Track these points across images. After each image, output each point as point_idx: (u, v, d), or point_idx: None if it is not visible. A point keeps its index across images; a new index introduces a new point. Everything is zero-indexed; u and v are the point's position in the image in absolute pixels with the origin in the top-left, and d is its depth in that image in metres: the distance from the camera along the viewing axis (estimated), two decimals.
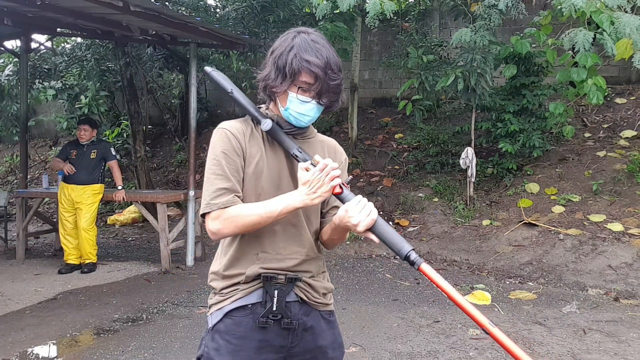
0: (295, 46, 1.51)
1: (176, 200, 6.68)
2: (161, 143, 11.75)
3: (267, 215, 1.47)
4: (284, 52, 1.52)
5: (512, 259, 6.11)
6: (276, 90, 1.54)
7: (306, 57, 1.49)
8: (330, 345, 1.65)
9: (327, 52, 1.51)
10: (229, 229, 1.50)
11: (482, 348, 3.87)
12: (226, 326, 1.55)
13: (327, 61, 1.50)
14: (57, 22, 6.32)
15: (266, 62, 1.58)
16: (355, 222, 1.44)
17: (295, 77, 1.50)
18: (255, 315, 1.53)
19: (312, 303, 1.61)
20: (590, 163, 7.36)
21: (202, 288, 5.49)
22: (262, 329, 1.53)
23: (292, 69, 1.49)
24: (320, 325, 1.63)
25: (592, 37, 5.42)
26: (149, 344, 3.99)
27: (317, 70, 1.48)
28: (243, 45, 7.01)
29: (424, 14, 9.88)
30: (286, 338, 1.56)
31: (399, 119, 9.87)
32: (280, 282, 1.54)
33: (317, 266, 1.65)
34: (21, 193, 6.91)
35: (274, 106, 1.62)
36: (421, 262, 1.45)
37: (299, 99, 1.52)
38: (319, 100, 1.53)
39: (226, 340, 1.54)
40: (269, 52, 1.58)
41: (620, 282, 5.34)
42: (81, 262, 6.13)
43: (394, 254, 6.77)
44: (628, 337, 4.07)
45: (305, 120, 1.56)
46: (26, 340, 4.09)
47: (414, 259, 1.45)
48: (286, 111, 1.56)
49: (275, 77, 1.53)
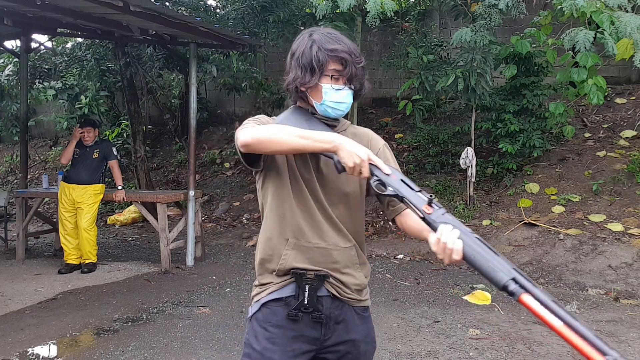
0: (315, 41, 1.58)
1: (176, 200, 6.68)
2: (161, 143, 11.75)
3: (300, 137, 1.46)
4: (305, 50, 1.58)
5: (512, 258, 6.11)
6: (308, 85, 1.58)
7: (330, 46, 1.55)
8: (362, 339, 1.68)
9: (345, 39, 1.59)
10: (258, 138, 1.48)
11: (482, 348, 3.87)
12: (263, 315, 1.62)
13: (349, 47, 1.57)
14: (57, 22, 6.32)
15: (289, 67, 1.63)
16: (441, 258, 1.38)
17: (323, 68, 1.56)
18: (289, 307, 1.59)
19: (344, 299, 1.63)
20: (590, 163, 7.36)
21: (202, 288, 5.50)
22: (294, 320, 1.59)
23: (319, 60, 1.55)
24: (354, 319, 1.66)
25: (592, 37, 5.41)
26: (148, 344, 3.99)
27: (345, 55, 1.55)
28: (243, 45, 7.01)
29: (424, 13, 9.87)
30: (318, 330, 1.61)
31: (399, 119, 9.87)
32: (310, 278, 1.58)
33: (348, 256, 1.64)
34: (21, 193, 6.90)
35: (305, 106, 1.66)
36: (520, 293, 1.28)
37: (334, 88, 1.57)
38: (351, 85, 1.58)
39: (263, 328, 1.61)
40: (289, 56, 1.64)
41: (620, 282, 5.34)
42: (81, 262, 6.13)
43: (394, 254, 6.79)
44: (628, 337, 4.07)
45: (342, 108, 1.60)
46: (26, 340, 4.09)
47: (512, 290, 1.29)
48: (322, 105, 1.60)
49: (304, 75, 1.57)
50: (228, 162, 10.39)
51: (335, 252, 1.61)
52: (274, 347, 1.58)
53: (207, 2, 8.78)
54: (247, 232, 7.90)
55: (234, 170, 10.16)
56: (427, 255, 6.53)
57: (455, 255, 1.35)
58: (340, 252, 1.62)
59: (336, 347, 1.64)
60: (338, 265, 1.62)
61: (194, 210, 6.46)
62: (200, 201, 6.94)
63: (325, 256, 1.60)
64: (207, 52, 8.49)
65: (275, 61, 11.00)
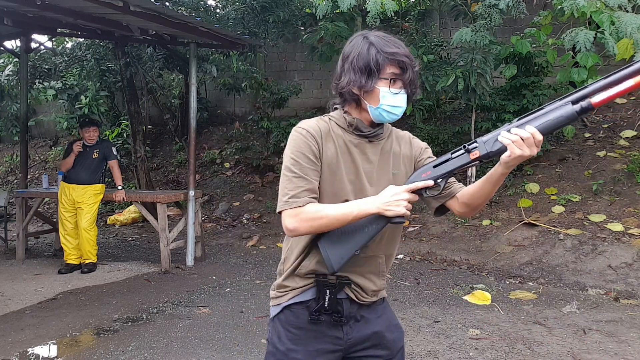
0: (372, 44, 1.55)
1: (176, 200, 6.68)
2: (161, 143, 11.75)
3: (342, 216, 1.51)
4: (361, 52, 1.56)
5: (512, 259, 6.11)
6: (365, 88, 1.56)
7: (389, 50, 1.54)
8: (386, 329, 1.70)
9: (402, 43, 1.58)
10: (304, 227, 1.53)
11: (482, 348, 3.87)
12: (286, 317, 1.65)
13: (406, 51, 1.56)
14: (57, 22, 6.31)
15: (341, 71, 1.61)
16: (529, 154, 1.42)
17: (380, 71, 1.54)
18: (310, 310, 1.62)
19: (361, 302, 1.66)
20: (590, 163, 7.36)
21: (202, 288, 5.49)
22: (316, 322, 1.62)
23: (378, 63, 1.53)
24: (372, 314, 1.69)
25: (593, 37, 5.41)
26: (148, 344, 3.99)
27: (404, 59, 1.54)
28: (243, 45, 7.01)
29: (424, 13, 9.87)
30: (340, 330, 1.63)
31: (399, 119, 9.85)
32: (332, 282, 1.60)
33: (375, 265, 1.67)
34: (21, 193, 6.90)
35: (355, 110, 1.64)
36: (588, 104, 1.38)
37: (392, 91, 1.56)
38: (407, 89, 1.58)
39: (286, 329, 1.64)
40: (341, 60, 1.62)
41: (620, 282, 5.33)
42: (81, 262, 6.13)
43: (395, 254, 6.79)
44: (628, 337, 4.06)
45: (397, 112, 1.60)
46: (26, 340, 4.09)
47: (584, 108, 1.38)
48: (378, 109, 1.58)
49: (359, 78, 1.55)
50: (228, 162, 10.39)
51: (362, 260, 1.63)
52: (297, 347, 1.61)
53: (207, 2, 8.78)
54: (247, 232, 7.90)
55: (234, 170, 10.16)
56: (427, 255, 6.53)
57: (537, 135, 1.41)
58: (368, 259, 1.65)
59: (363, 345, 1.67)
60: (361, 270, 1.64)
61: (194, 210, 6.46)
62: (200, 201, 6.94)
63: (351, 263, 1.60)
64: (207, 52, 8.49)
65: (275, 61, 11.01)
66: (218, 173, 10.26)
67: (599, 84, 1.37)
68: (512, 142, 1.42)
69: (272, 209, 8.34)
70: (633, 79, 1.32)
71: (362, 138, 1.63)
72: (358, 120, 1.62)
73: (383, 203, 1.49)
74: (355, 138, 1.62)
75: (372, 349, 1.67)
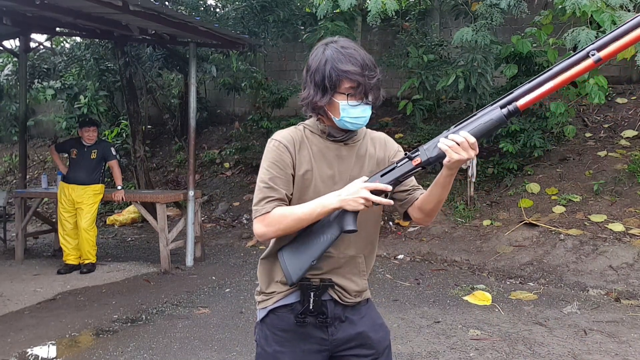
0: (328, 59, 1.59)
1: (176, 200, 6.66)
2: (160, 143, 11.72)
3: (306, 214, 1.56)
4: (318, 67, 1.60)
5: (512, 259, 6.10)
6: (321, 104, 1.60)
7: (342, 67, 1.57)
8: (370, 329, 1.74)
9: (359, 55, 1.59)
10: (272, 231, 1.60)
11: (482, 349, 3.86)
12: (271, 320, 1.70)
13: (362, 64, 1.58)
14: (56, 22, 6.30)
15: (305, 82, 1.66)
16: (467, 157, 1.48)
17: (336, 87, 1.58)
18: (295, 312, 1.67)
19: (344, 303, 1.70)
20: (591, 163, 7.35)
21: (201, 288, 5.48)
22: (301, 325, 1.67)
23: (332, 80, 1.57)
24: (356, 314, 1.73)
25: (594, 37, 5.40)
26: (148, 345, 3.98)
27: (357, 77, 1.57)
28: (243, 45, 6.99)
29: (425, 13, 9.85)
30: (325, 331, 1.68)
31: (399, 119, 9.85)
32: (315, 285, 1.65)
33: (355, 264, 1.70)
34: (20, 193, 6.89)
35: (325, 119, 1.68)
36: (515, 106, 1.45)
37: (350, 104, 1.60)
38: (366, 100, 1.62)
39: (272, 332, 1.70)
40: (304, 71, 1.67)
41: (621, 282, 5.32)
42: (80, 263, 6.11)
43: (395, 255, 6.76)
44: (629, 338, 4.05)
45: (361, 122, 1.64)
46: (25, 341, 4.07)
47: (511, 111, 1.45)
48: (341, 120, 1.63)
49: (316, 93, 1.60)
50: (228, 162, 10.37)
51: (342, 260, 1.68)
52: (284, 349, 1.67)
53: (207, 2, 8.76)
54: (246, 232, 7.89)
55: (234, 170, 10.15)
56: (427, 255, 6.52)
57: (470, 139, 1.47)
58: (348, 260, 1.70)
59: (349, 345, 1.70)
60: (342, 271, 1.69)
61: (193, 211, 6.44)
62: (200, 201, 6.92)
63: (331, 264, 1.67)
64: (206, 51, 8.47)
65: (275, 61, 10.99)
66: (218, 173, 10.24)
67: (523, 88, 1.46)
68: (449, 148, 1.49)
69: None
70: (553, 81, 1.42)
71: (338, 142, 1.68)
72: (330, 128, 1.67)
73: (344, 198, 1.53)
74: (330, 143, 1.68)
75: (357, 349, 1.71)
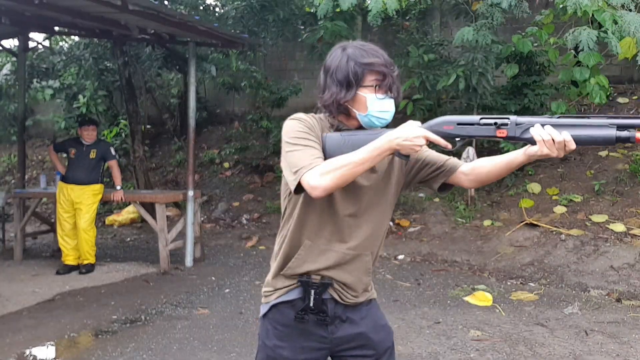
0: (349, 57, 1.60)
1: (175, 200, 6.65)
2: (160, 143, 11.70)
3: (361, 160, 1.48)
4: (340, 65, 1.61)
5: (513, 259, 6.08)
6: (346, 99, 1.59)
7: (366, 60, 1.58)
8: (371, 330, 1.73)
9: (379, 50, 1.63)
10: (327, 179, 1.47)
11: (483, 349, 3.84)
12: (273, 315, 1.72)
13: (384, 57, 1.61)
14: (55, 21, 6.28)
15: (324, 84, 1.65)
16: (556, 155, 1.42)
17: (360, 81, 1.58)
18: (296, 309, 1.68)
19: (345, 303, 1.69)
20: (592, 163, 7.33)
21: (201, 289, 5.46)
22: (301, 321, 1.67)
23: (357, 75, 1.58)
24: (356, 315, 1.72)
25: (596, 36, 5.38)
26: (147, 345, 3.96)
27: (382, 68, 1.59)
28: (242, 45, 6.98)
29: (425, 12, 9.82)
30: (325, 329, 1.69)
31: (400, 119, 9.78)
32: (316, 282, 1.65)
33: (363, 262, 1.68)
34: (19, 193, 6.86)
35: (344, 118, 1.66)
36: (633, 134, 1.33)
37: (378, 97, 1.59)
38: (391, 93, 1.62)
39: (273, 327, 1.72)
40: (322, 73, 1.67)
41: (623, 283, 5.31)
42: (79, 263, 6.08)
43: (395, 255, 6.74)
44: (630, 338, 4.04)
45: (387, 117, 1.63)
46: (24, 341, 4.05)
47: (626, 137, 1.34)
48: (367, 117, 1.62)
49: (340, 91, 1.59)
50: (227, 162, 10.34)
51: (349, 256, 1.66)
52: (283, 343, 1.69)
53: (206, 1, 8.75)
54: (246, 232, 7.87)
55: (233, 170, 10.12)
56: (427, 256, 6.50)
57: (571, 145, 1.39)
58: (354, 257, 1.67)
59: (349, 345, 1.71)
60: (350, 268, 1.67)
61: (193, 211, 6.42)
62: (199, 201, 6.90)
63: (338, 259, 1.65)
64: (206, 51, 8.46)
65: (274, 60, 10.96)
66: (217, 173, 10.22)
67: None
68: (544, 141, 1.41)
69: (271, 209, 8.31)
70: None
71: None
72: (341, 124, 1.66)
73: (401, 142, 1.48)
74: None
75: (358, 349, 1.71)
